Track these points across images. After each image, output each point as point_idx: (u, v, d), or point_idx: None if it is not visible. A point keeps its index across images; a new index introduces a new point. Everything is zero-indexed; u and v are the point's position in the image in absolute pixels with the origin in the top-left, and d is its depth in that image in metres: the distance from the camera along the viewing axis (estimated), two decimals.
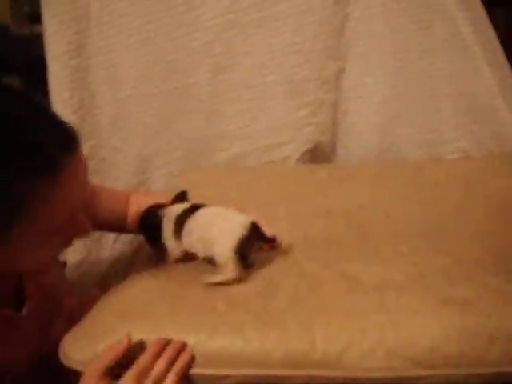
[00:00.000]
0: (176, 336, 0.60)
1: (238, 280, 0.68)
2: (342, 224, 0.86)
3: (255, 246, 0.71)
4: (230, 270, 0.67)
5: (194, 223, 0.72)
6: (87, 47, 1.08)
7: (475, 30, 1.10)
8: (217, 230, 0.69)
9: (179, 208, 0.75)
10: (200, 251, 0.72)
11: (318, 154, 1.21)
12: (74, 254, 1.10)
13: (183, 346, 0.59)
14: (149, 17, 1.09)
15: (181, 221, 0.72)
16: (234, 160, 1.19)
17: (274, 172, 1.13)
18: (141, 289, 0.69)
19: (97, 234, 1.10)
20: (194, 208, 0.74)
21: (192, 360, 0.59)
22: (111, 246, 1.13)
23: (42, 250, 0.60)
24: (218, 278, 0.68)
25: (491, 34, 1.12)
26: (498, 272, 0.67)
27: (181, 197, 0.80)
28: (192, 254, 0.74)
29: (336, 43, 1.14)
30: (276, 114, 1.17)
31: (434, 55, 1.14)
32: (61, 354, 0.63)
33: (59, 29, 1.05)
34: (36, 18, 1.14)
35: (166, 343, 0.59)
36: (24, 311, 0.71)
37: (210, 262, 0.71)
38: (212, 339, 0.60)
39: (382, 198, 0.95)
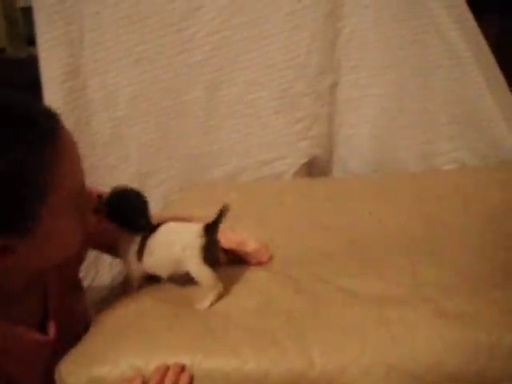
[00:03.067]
0: (172, 357, 0.60)
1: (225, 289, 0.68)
2: (339, 238, 0.85)
3: (218, 244, 0.70)
4: (213, 286, 0.67)
5: (153, 244, 0.70)
6: (82, 69, 1.09)
7: (467, 42, 1.11)
8: (179, 248, 0.68)
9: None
10: (164, 271, 0.71)
11: (314, 168, 1.21)
12: None
13: (182, 368, 0.60)
14: (143, 37, 1.10)
15: (144, 240, 0.71)
16: (231, 175, 1.20)
17: (271, 187, 1.13)
18: (135, 310, 0.69)
19: (91, 257, 1.09)
20: (155, 227, 0.72)
21: (191, 380, 0.60)
22: (108, 270, 1.13)
23: (65, 231, 0.63)
24: (209, 301, 0.67)
25: (483, 44, 1.12)
26: (499, 285, 0.67)
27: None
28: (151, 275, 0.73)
29: (329, 57, 1.15)
30: (272, 129, 1.18)
31: (427, 67, 1.14)
32: (57, 379, 0.62)
33: (53, 52, 1.06)
34: (33, 40, 1.15)
35: (166, 369, 0.60)
36: (51, 334, 0.70)
37: (175, 279, 0.71)
38: (208, 359, 0.59)
39: (380, 210, 0.95)
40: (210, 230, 0.68)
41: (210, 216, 0.78)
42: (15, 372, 0.64)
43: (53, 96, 1.08)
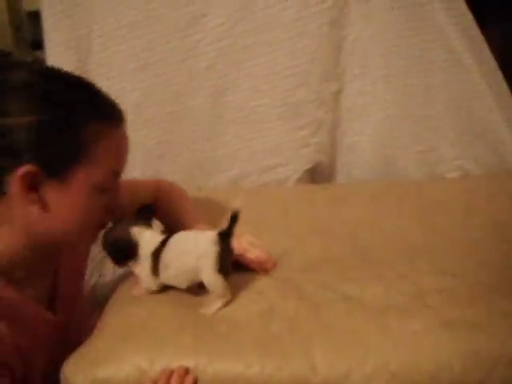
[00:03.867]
0: (176, 360, 0.60)
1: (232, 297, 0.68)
2: (342, 244, 0.86)
3: (231, 253, 0.70)
4: (223, 294, 0.68)
5: (167, 257, 0.70)
6: (89, 74, 1.10)
7: (471, 49, 1.12)
8: (193, 257, 0.68)
9: (153, 240, 0.72)
10: (182, 283, 0.71)
11: (317, 174, 1.22)
12: None
13: (186, 371, 0.60)
14: (149, 43, 1.11)
15: (157, 256, 0.71)
16: (235, 181, 1.20)
17: (274, 192, 1.14)
18: (140, 312, 0.69)
19: (98, 257, 1.10)
20: (166, 239, 0.72)
21: (195, 382, 0.60)
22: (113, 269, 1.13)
23: (86, 206, 0.68)
24: (216, 307, 0.67)
25: (486, 52, 1.13)
26: (503, 294, 0.67)
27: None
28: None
29: (333, 65, 1.16)
30: (275, 135, 1.18)
31: (430, 75, 1.15)
32: (62, 379, 0.62)
33: (61, 56, 1.07)
34: (38, 45, 1.16)
35: (171, 372, 0.60)
36: (58, 315, 0.74)
37: (194, 289, 0.71)
38: (212, 363, 0.60)
39: (382, 217, 0.95)
40: (225, 237, 0.68)
41: (217, 219, 0.79)
42: (25, 346, 0.67)
43: None
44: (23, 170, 0.62)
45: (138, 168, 1.17)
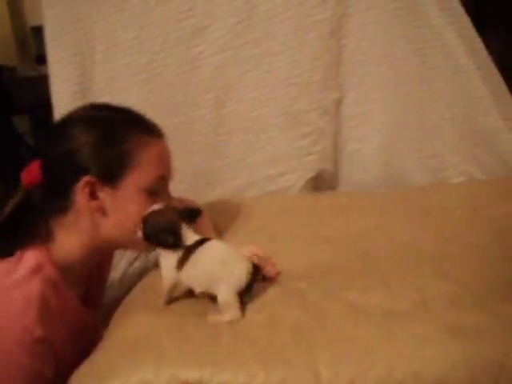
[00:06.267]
0: (181, 371, 0.60)
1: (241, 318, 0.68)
2: (346, 252, 0.85)
3: (255, 285, 0.71)
4: (233, 312, 0.68)
5: (200, 256, 0.71)
6: (92, 87, 1.11)
7: (471, 56, 1.12)
8: (223, 270, 0.69)
9: (192, 237, 0.73)
10: (199, 286, 0.71)
11: (321, 182, 1.22)
12: None
13: None
14: (151, 56, 1.13)
15: (189, 251, 0.71)
16: (238, 191, 1.21)
17: (278, 201, 1.14)
18: (145, 324, 0.69)
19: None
20: (203, 241, 0.73)
21: None
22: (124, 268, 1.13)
23: (137, 209, 0.76)
24: (223, 319, 0.67)
25: (487, 58, 1.13)
26: (508, 299, 0.66)
27: (193, 214, 0.78)
28: (186, 286, 0.73)
29: (333, 74, 1.16)
30: (278, 144, 1.19)
31: (431, 81, 1.16)
32: None
33: (64, 71, 1.09)
34: (43, 59, 1.18)
35: None
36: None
37: (206, 296, 0.71)
38: (217, 375, 0.59)
39: (386, 224, 0.95)
40: (257, 272, 0.71)
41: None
42: (64, 337, 0.74)
43: (63, 114, 1.09)
44: (83, 180, 0.76)
45: None
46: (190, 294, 0.74)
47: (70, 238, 0.78)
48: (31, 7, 3.14)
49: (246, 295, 0.70)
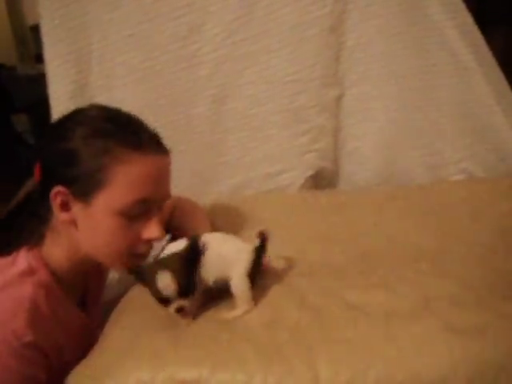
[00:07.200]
0: (179, 371, 0.59)
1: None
2: (345, 250, 0.85)
3: (260, 267, 0.72)
4: (246, 301, 0.68)
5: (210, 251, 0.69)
6: (89, 85, 1.11)
7: (472, 53, 1.11)
8: (234, 249, 0.70)
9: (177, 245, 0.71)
10: (211, 275, 0.69)
11: (320, 180, 1.21)
12: None
13: None
14: (148, 54, 1.12)
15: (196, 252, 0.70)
16: (238, 188, 1.20)
17: (277, 199, 1.13)
18: (141, 323, 0.68)
19: None
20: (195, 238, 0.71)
21: None
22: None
23: (107, 230, 0.71)
24: (237, 313, 0.67)
25: (489, 55, 1.12)
26: (508, 298, 0.66)
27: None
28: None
29: (333, 71, 1.15)
30: (277, 142, 1.18)
31: (431, 78, 1.15)
32: None
33: (61, 69, 1.08)
34: (42, 58, 1.17)
35: None
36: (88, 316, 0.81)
37: (215, 292, 0.70)
38: (215, 374, 0.59)
39: (386, 222, 0.94)
40: (259, 251, 0.71)
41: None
42: (62, 341, 0.72)
43: (61, 112, 1.09)
44: (54, 190, 0.71)
45: None
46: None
47: (56, 245, 0.75)
48: (30, 6, 3.14)
49: (256, 276, 0.70)
